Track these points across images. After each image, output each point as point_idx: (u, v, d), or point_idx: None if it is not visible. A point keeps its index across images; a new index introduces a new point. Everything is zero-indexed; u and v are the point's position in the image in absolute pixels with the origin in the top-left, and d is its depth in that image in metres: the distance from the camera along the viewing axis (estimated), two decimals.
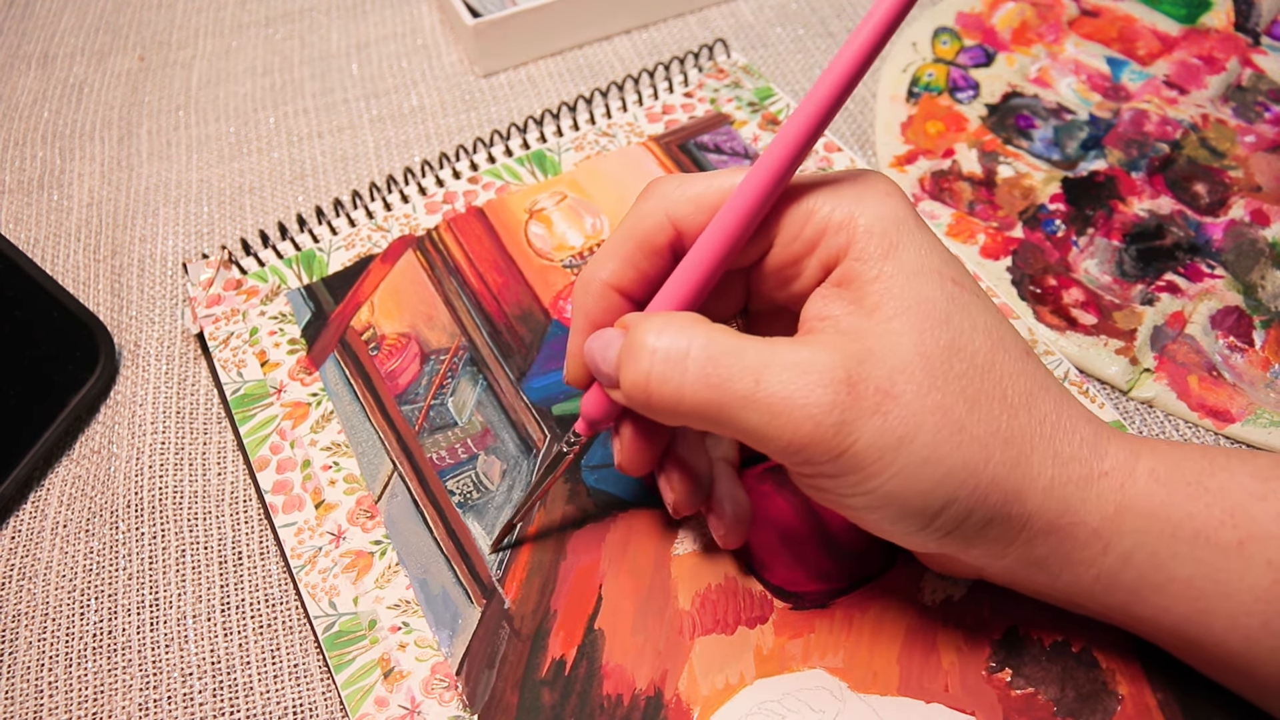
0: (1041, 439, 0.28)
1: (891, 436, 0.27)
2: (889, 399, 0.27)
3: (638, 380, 0.28)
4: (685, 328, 0.28)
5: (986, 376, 0.28)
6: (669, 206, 0.31)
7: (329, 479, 0.40)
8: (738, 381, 0.27)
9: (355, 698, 0.35)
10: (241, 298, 0.47)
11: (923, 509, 0.28)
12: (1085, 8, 0.59)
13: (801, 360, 0.27)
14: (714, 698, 0.34)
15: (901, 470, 0.27)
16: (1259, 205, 0.48)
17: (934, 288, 0.29)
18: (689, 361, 0.28)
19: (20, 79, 0.62)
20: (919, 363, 0.27)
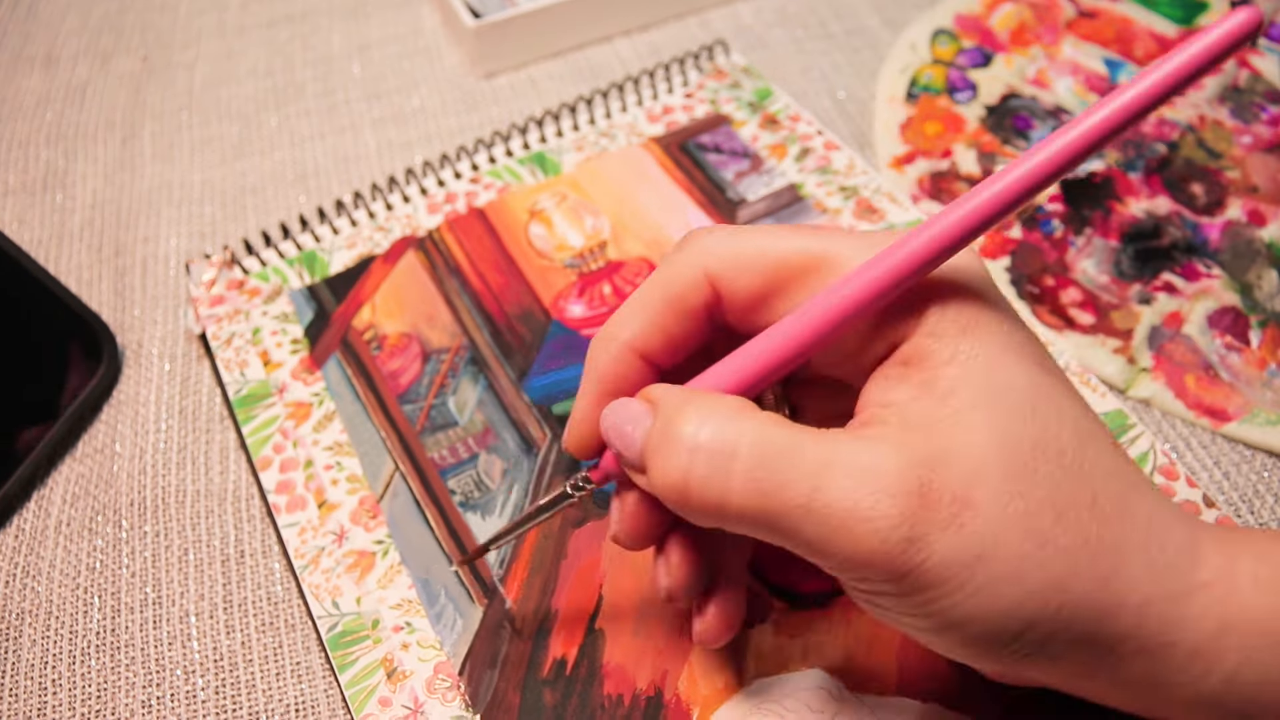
0: (1135, 549, 0.24)
1: (968, 553, 0.23)
2: (966, 509, 0.23)
3: (674, 480, 0.25)
4: (732, 419, 0.25)
5: (1075, 478, 0.24)
6: (709, 263, 0.27)
7: (331, 479, 0.41)
8: (793, 488, 0.23)
9: (359, 698, 0.35)
10: (244, 298, 0.47)
11: (999, 632, 0.24)
12: (1083, 9, 0.59)
13: (866, 464, 0.23)
14: (713, 697, 0.34)
15: (978, 591, 0.23)
16: (1256, 205, 0.48)
17: (1018, 373, 0.25)
18: (737, 462, 0.24)
19: (24, 80, 0.62)
20: (999, 464, 0.23)
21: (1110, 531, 0.24)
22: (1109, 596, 0.24)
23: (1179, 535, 0.25)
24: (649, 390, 0.27)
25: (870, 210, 0.48)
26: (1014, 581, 0.23)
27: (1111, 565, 0.24)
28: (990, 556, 0.23)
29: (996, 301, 0.26)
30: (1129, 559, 0.24)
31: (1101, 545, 0.24)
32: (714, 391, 0.26)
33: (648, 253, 0.48)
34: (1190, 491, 0.38)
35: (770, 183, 0.50)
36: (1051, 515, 0.23)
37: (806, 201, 0.49)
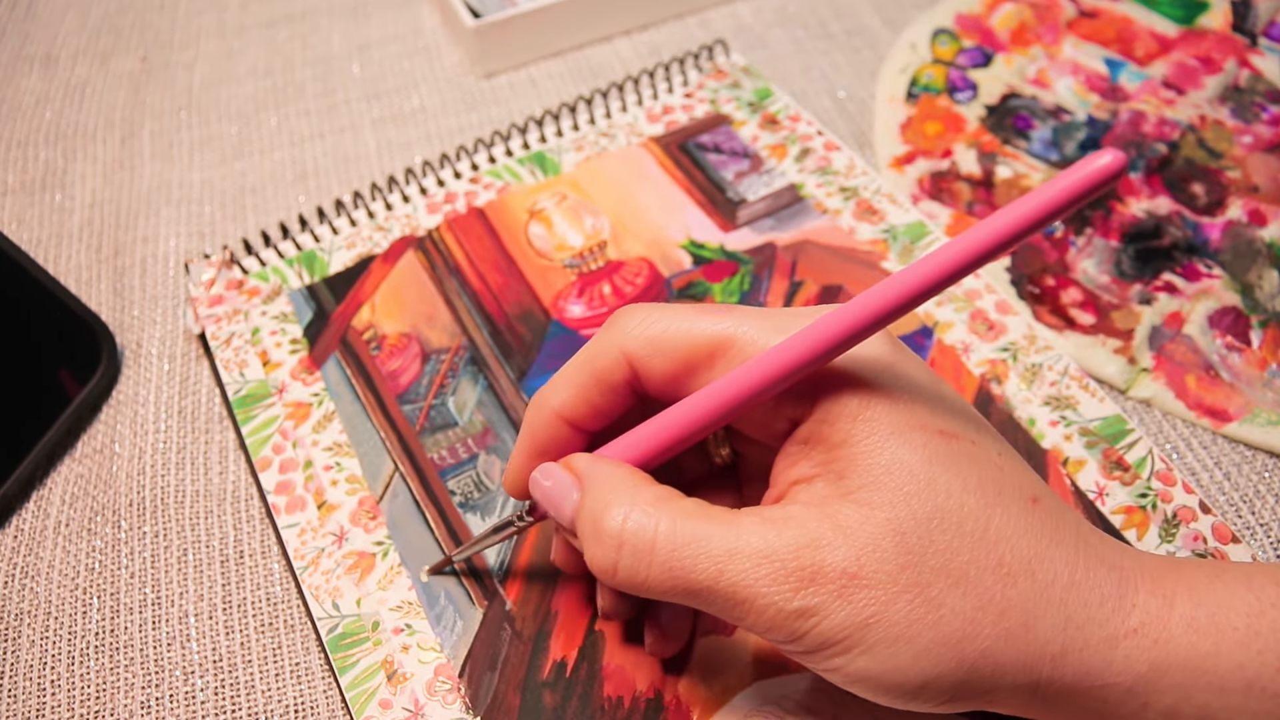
0: (1048, 605, 0.26)
1: (857, 618, 0.25)
2: (853, 583, 0.25)
3: (607, 568, 0.28)
4: (651, 511, 0.27)
5: (978, 544, 0.26)
6: (628, 345, 0.30)
7: (331, 479, 0.41)
8: (701, 573, 0.26)
9: (360, 700, 0.35)
10: (243, 297, 0.47)
11: (901, 684, 0.26)
12: (1083, 9, 0.59)
13: (763, 548, 0.26)
14: (713, 700, 0.34)
15: (869, 650, 0.26)
16: (1256, 205, 0.48)
17: (913, 450, 0.26)
18: (655, 554, 0.27)
19: (23, 80, 0.62)
20: (891, 539, 0.26)
21: (1016, 591, 0.26)
22: (1019, 650, 0.26)
23: (1106, 585, 0.26)
24: (574, 460, 0.30)
25: (870, 211, 0.48)
26: (905, 641, 0.25)
27: (1019, 621, 0.26)
28: (879, 621, 0.25)
29: (896, 377, 0.28)
30: (1041, 614, 0.26)
31: (1008, 604, 0.26)
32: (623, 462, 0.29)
33: (647, 253, 0.48)
34: (1187, 497, 0.38)
35: (770, 183, 0.50)
36: (946, 582, 0.26)
37: (806, 202, 0.49)
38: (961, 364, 0.43)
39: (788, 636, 0.26)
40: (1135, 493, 0.38)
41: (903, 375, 0.28)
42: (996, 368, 0.42)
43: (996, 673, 0.26)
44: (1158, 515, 0.38)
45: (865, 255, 0.47)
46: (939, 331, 0.44)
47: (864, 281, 0.46)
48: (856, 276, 0.46)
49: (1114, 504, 0.38)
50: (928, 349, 0.43)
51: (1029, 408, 0.41)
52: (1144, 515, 0.38)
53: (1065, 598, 0.26)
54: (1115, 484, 0.39)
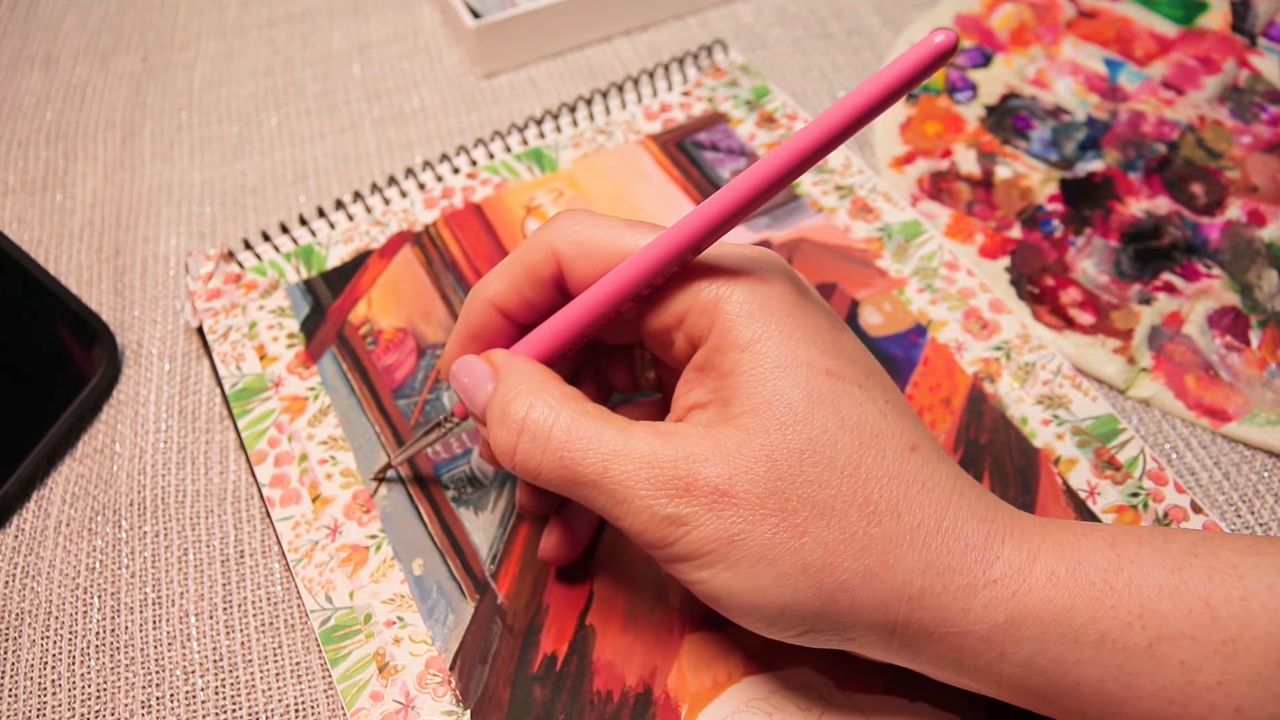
0: (910, 547, 0.27)
1: (724, 533, 0.27)
2: (724, 499, 0.27)
3: (505, 449, 0.30)
4: (554, 404, 0.29)
5: (847, 480, 0.27)
6: (558, 244, 0.31)
7: (325, 473, 0.41)
8: (588, 467, 0.28)
9: (351, 692, 0.35)
10: (241, 291, 0.47)
11: (759, 606, 0.27)
12: (1083, 9, 0.59)
13: (647, 454, 0.28)
14: (702, 694, 0.34)
15: (732, 566, 0.27)
16: (1255, 205, 0.48)
17: (796, 384, 0.28)
18: (550, 442, 0.29)
19: (24, 80, 0.63)
20: (764, 465, 0.27)
21: (880, 530, 0.27)
22: (877, 588, 0.27)
23: (972, 535, 0.28)
24: (493, 355, 0.32)
25: (866, 209, 0.48)
26: (766, 563, 0.27)
27: (879, 560, 0.27)
28: (744, 540, 0.27)
29: (789, 315, 0.29)
30: (901, 556, 0.27)
31: (869, 541, 0.27)
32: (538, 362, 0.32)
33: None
34: (1178, 497, 0.38)
35: None
36: (812, 511, 0.27)
37: (803, 200, 0.49)
38: (955, 362, 0.42)
39: (659, 541, 0.28)
40: (1127, 492, 0.38)
41: (801, 315, 0.29)
42: (989, 366, 0.42)
43: (854, 608, 0.27)
44: (1149, 514, 0.37)
45: (860, 253, 0.47)
46: (933, 330, 0.44)
47: (859, 279, 0.46)
48: (852, 274, 0.46)
49: (1105, 503, 0.38)
50: (921, 347, 0.43)
51: (1021, 406, 0.41)
52: (1135, 514, 0.38)
53: (929, 543, 0.27)
54: (1107, 483, 0.38)
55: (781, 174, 0.27)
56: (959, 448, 0.40)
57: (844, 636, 0.28)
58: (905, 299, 0.45)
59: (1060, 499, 0.38)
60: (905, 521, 0.27)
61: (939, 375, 0.42)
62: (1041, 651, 0.27)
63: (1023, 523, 0.29)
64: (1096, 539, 0.28)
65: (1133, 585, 0.27)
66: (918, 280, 0.46)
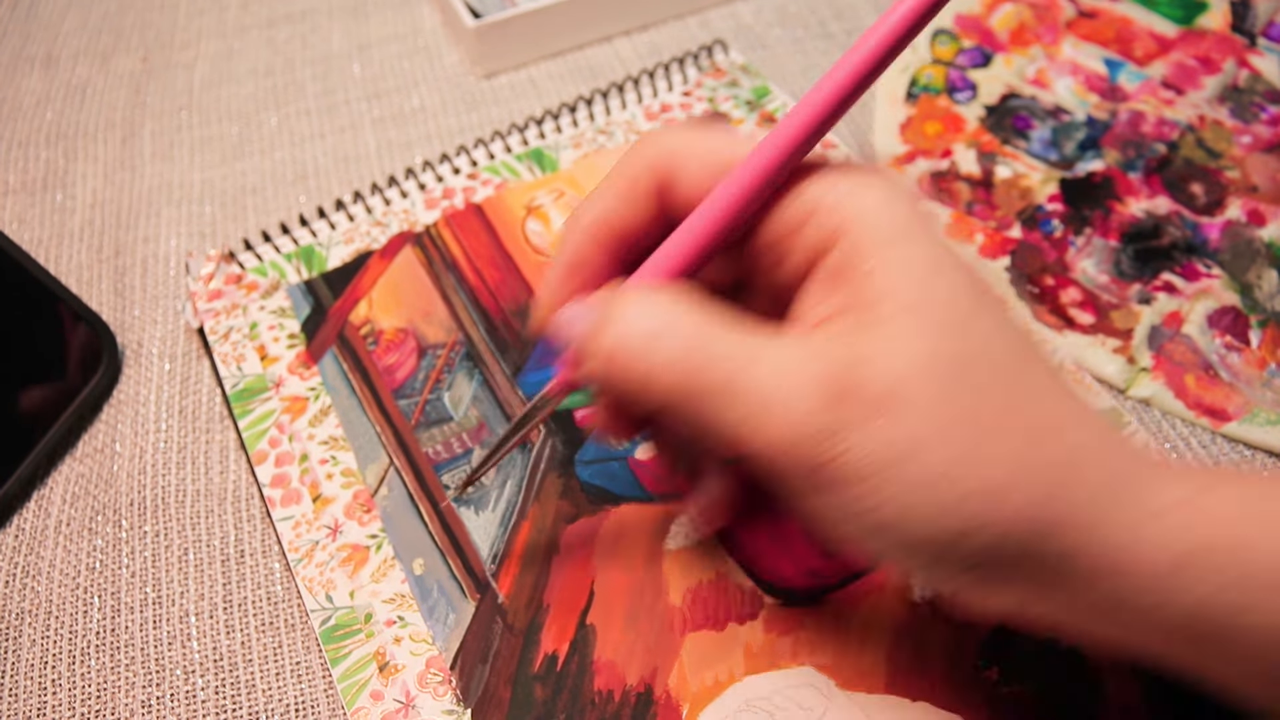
0: (1084, 468, 0.24)
1: (893, 449, 0.23)
2: (893, 402, 0.23)
3: (603, 356, 0.26)
4: (664, 305, 0.25)
5: (1013, 392, 0.24)
6: (662, 155, 0.28)
7: (326, 473, 0.41)
8: (713, 370, 0.24)
9: (351, 691, 0.35)
10: (241, 292, 0.47)
11: (933, 539, 0.23)
12: (1083, 9, 0.59)
13: (790, 356, 0.24)
14: (703, 694, 0.34)
15: (905, 490, 0.23)
16: (1255, 205, 0.48)
17: (950, 285, 0.24)
18: (662, 341, 0.25)
19: (24, 80, 0.63)
20: (931, 368, 0.23)
21: (1049, 450, 0.23)
22: (1056, 512, 0.23)
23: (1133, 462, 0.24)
24: (599, 293, 0.28)
25: None
26: (949, 483, 0.23)
27: (1058, 480, 0.23)
28: (919, 454, 0.23)
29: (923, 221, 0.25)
30: (1070, 479, 0.23)
31: (1041, 462, 0.23)
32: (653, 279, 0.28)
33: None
34: None
35: None
36: (986, 424, 0.23)
37: None
38: None
39: (808, 461, 0.23)
40: None
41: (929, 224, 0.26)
42: None
43: (1031, 536, 0.23)
44: None
45: None
46: None
47: None
48: None
49: None
50: None
51: None
52: None
53: (1101, 463, 0.24)
54: None
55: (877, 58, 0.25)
56: None
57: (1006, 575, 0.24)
58: None
59: None
60: (1072, 439, 0.24)
61: None
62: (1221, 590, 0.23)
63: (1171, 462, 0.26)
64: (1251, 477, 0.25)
65: None
66: None
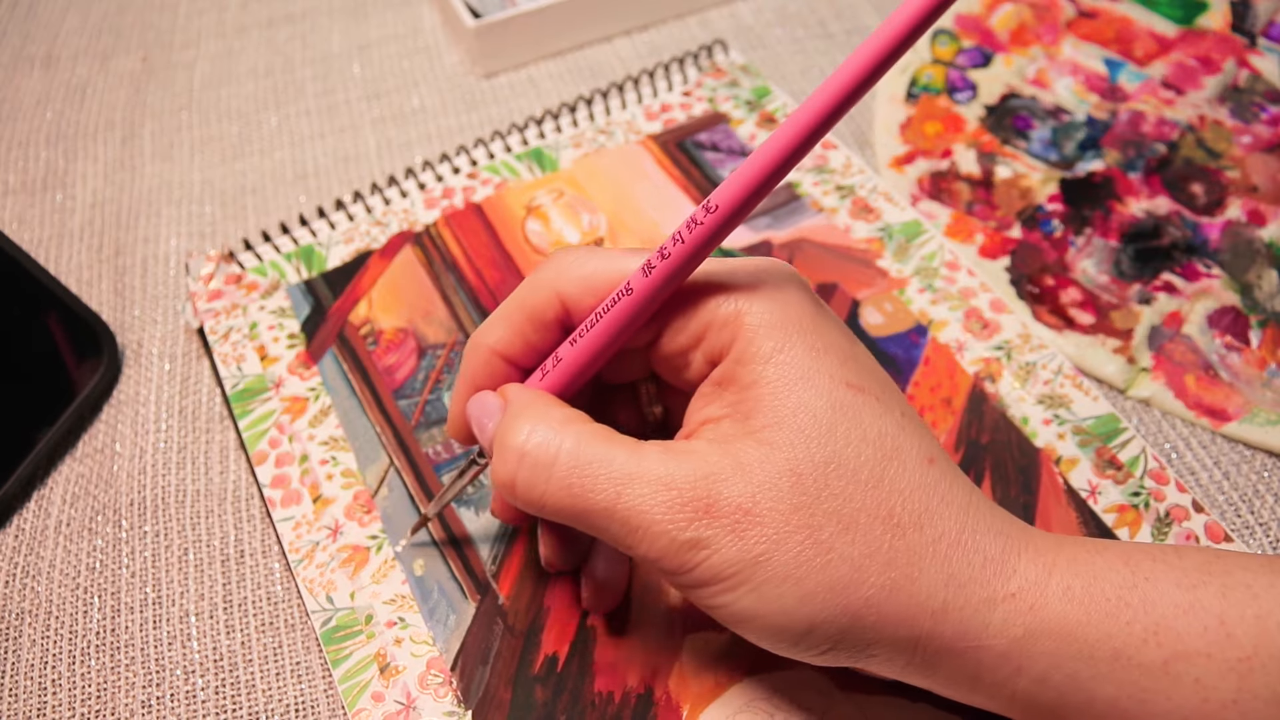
0: (933, 560, 0.27)
1: (747, 555, 0.26)
2: (748, 518, 0.26)
3: (505, 479, 0.28)
4: (556, 429, 0.28)
5: (870, 493, 0.27)
6: (558, 283, 0.30)
7: (326, 473, 0.41)
8: (599, 494, 0.27)
9: (352, 693, 0.35)
10: (241, 292, 0.47)
11: (785, 627, 0.26)
12: (1083, 9, 0.59)
13: (663, 474, 0.27)
14: (704, 695, 0.34)
15: (758, 588, 0.26)
16: (1255, 205, 0.48)
17: (819, 395, 0.27)
18: (555, 469, 0.27)
19: (24, 80, 0.62)
20: (788, 479, 0.26)
21: (905, 543, 0.27)
22: (900, 603, 0.26)
23: (990, 548, 0.27)
24: (506, 388, 0.31)
25: (866, 209, 0.48)
26: (793, 583, 0.26)
27: (905, 574, 0.26)
28: (769, 560, 0.26)
29: (809, 329, 0.28)
30: (925, 569, 0.26)
31: (893, 556, 0.26)
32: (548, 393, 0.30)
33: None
34: (1180, 496, 0.38)
35: None
36: (837, 526, 0.26)
37: (803, 200, 0.49)
38: (955, 362, 0.43)
39: (678, 567, 0.27)
40: (1128, 491, 0.38)
41: (819, 327, 0.29)
42: (990, 366, 0.42)
43: (879, 623, 0.26)
44: (1150, 514, 0.37)
45: (861, 253, 0.47)
46: (933, 330, 0.44)
47: (859, 279, 0.46)
48: (852, 274, 0.46)
49: (1106, 502, 0.38)
50: (922, 347, 0.43)
51: (1022, 406, 0.41)
52: (1136, 514, 0.38)
53: (950, 555, 0.27)
54: (1108, 483, 0.38)
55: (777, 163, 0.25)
56: (960, 447, 0.40)
57: (865, 654, 0.27)
58: (906, 299, 0.45)
59: (1061, 499, 0.38)
60: (928, 534, 0.27)
61: (940, 375, 0.42)
62: (1057, 667, 0.26)
63: (1036, 538, 0.28)
64: (1110, 555, 0.28)
65: (1148, 602, 0.26)
66: (918, 280, 0.46)
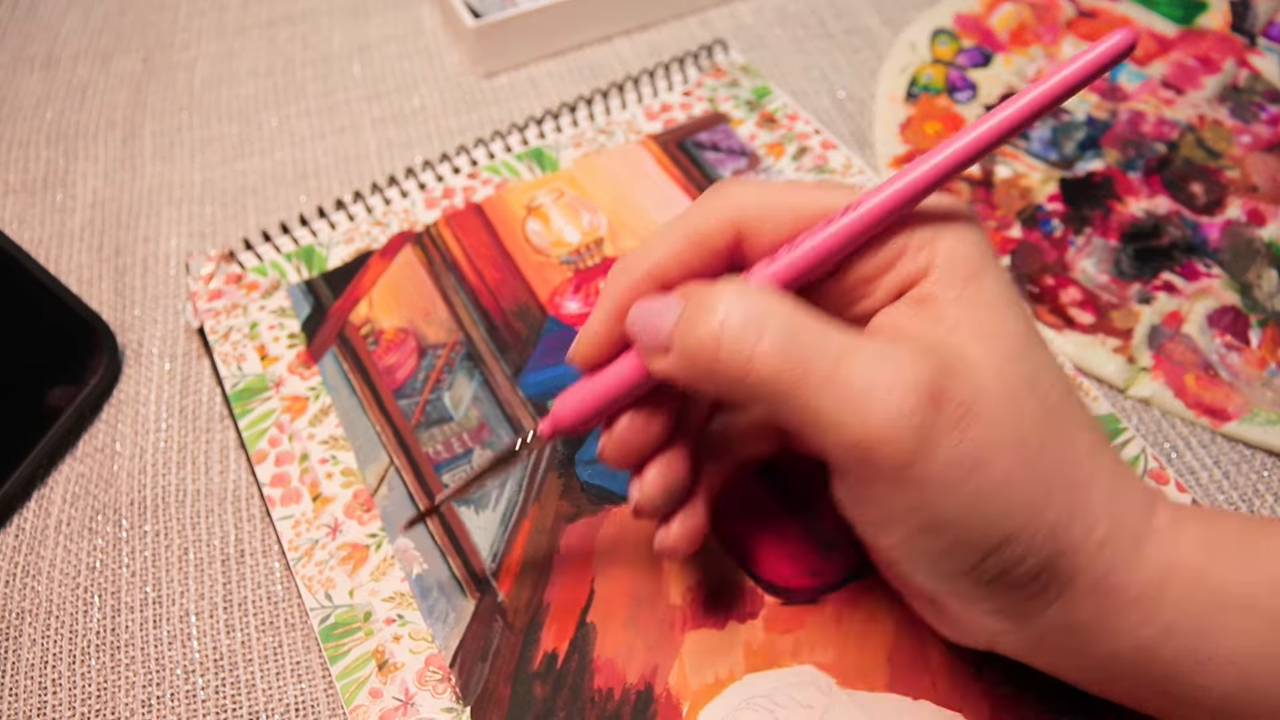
0: (1101, 491, 0.27)
1: (968, 457, 0.25)
2: (971, 416, 0.25)
3: (706, 340, 0.26)
4: (765, 297, 0.26)
5: (1057, 418, 0.27)
6: (737, 213, 0.29)
7: (326, 472, 0.41)
8: (817, 360, 0.25)
9: (350, 689, 0.35)
10: (242, 292, 0.47)
11: (980, 542, 0.26)
12: (1082, 9, 0.59)
13: (888, 354, 0.25)
14: (704, 692, 0.34)
15: (972, 495, 0.25)
16: (1255, 205, 0.48)
17: (1017, 318, 0.27)
18: (766, 330, 0.25)
19: (24, 80, 0.63)
20: (999, 388, 0.26)
21: (1083, 471, 0.27)
22: (1076, 529, 0.26)
23: (1138, 488, 0.28)
24: (685, 287, 0.29)
25: None
26: (1002, 494, 0.25)
27: (1082, 500, 0.26)
28: (987, 465, 0.25)
29: (995, 261, 0.28)
30: (1095, 498, 0.27)
31: (1075, 480, 0.26)
32: None
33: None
34: (1180, 496, 0.38)
35: None
36: (1037, 443, 0.26)
37: None
38: None
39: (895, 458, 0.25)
40: None
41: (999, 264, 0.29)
42: None
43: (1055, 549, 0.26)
44: None
45: None
46: None
47: None
48: None
49: None
50: None
51: None
52: None
53: (1113, 489, 0.27)
54: None
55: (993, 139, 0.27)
56: None
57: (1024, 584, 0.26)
58: None
59: None
60: (1099, 464, 0.27)
61: None
62: (1185, 614, 0.26)
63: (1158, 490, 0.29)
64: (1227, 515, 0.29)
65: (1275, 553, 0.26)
66: None
